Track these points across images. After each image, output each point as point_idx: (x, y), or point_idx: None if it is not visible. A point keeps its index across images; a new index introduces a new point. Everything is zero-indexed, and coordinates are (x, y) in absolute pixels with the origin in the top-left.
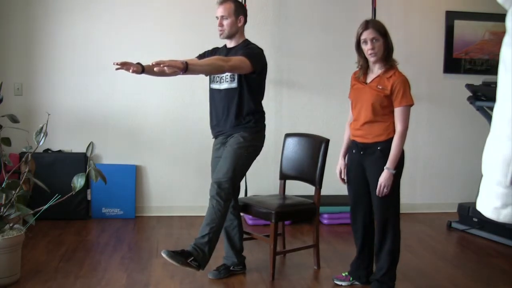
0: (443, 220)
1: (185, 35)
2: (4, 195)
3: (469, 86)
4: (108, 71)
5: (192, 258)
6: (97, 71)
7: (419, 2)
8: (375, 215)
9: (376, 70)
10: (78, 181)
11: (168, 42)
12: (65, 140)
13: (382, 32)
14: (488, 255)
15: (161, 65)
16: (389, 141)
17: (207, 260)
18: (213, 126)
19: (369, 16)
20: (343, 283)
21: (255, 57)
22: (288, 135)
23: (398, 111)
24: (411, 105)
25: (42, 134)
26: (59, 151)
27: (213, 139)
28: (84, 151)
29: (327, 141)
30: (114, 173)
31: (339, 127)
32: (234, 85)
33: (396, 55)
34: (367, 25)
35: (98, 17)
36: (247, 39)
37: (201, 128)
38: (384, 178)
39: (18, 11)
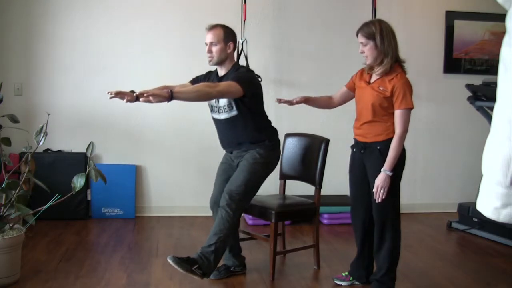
0: (443, 220)
1: (185, 35)
2: (4, 195)
3: (469, 86)
4: (108, 71)
5: (197, 266)
6: (97, 71)
7: (419, 2)
8: (374, 215)
9: (377, 73)
10: (78, 181)
11: (168, 42)
12: (65, 140)
13: (370, 36)
14: (488, 255)
15: (145, 95)
16: (388, 141)
17: (212, 269)
18: (225, 146)
19: (369, 16)
20: (343, 283)
21: (245, 80)
22: (288, 135)
23: (397, 114)
24: (411, 108)
25: (42, 134)
26: (59, 151)
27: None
28: (84, 151)
29: (327, 141)
30: (114, 173)
31: (339, 127)
32: (234, 113)
33: (400, 55)
34: (359, 29)
35: (98, 17)
36: (236, 63)
37: (201, 128)
38: (380, 180)
39: (18, 11)
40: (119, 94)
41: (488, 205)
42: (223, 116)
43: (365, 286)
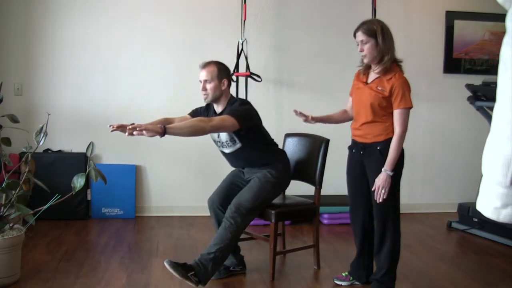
0: (443, 220)
1: (185, 34)
2: (4, 195)
3: (469, 86)
4: (108, 71)
5: (193, 272)
6: (97, 71)
7: (419, 2)
8: (374, 215)
9: (375, 71)
10: (78, 181)
11: (168, 41)
12: (65, 140)
13: (371, 34)
14: (488, 255)
15: (138, 129)
16: (388, 141)
17: (208, 277)
18: (235, 167)
19: (369, 16)
20: (343, 283)
21: (241, 113)
22: (288, 135)
23: (396, 113)
24: (410, 108)
25: (42, 134)
26: (59, 151)
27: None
28: (84, 151)
29: (327, 141)
30: (114, 173)
31: (339, 127)
32: (238, 145)
33: (396, 55)
34: (358, 27)
35: (98, 17)
36: (232, 97)
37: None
38: (381, 180)
39: (18, 11)
40: (120, 127)
41: (488, 205)
42: (228, 150)
43: (365, 286)
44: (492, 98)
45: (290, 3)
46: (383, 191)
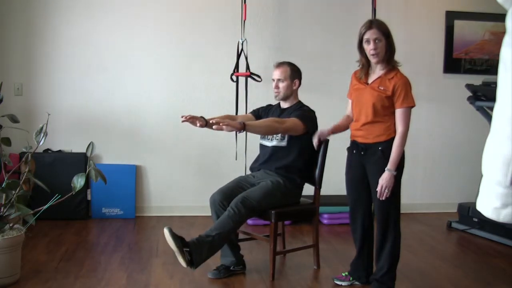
0: (443, 220)
1: (186, 34)
2: (4, 195)
3: (469, 86)
4: (108, 71)
5: (188, 250)
6: (97, 71)
7: (419, 2)
8: (376, 215)
9: (377, 71)
10: (78, 181)
11: (169, 41)
12: (65, 140)
13: (385, 33)
14: (488, 255)
15: (220, 124)
16: (390, 141)
17: (201, 259)
18: (256, 165)
19: (369, 16)
20: (343, 283)
21: (309, 119)
22: None
23: (399, 113)
24: (412, 106)
25: (42, 134)
26: (59, 151)
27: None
28: (84, 151)
29: (326, 141)
30: (114, 173)
31: None
32: (283, 143)
33: (396, 55)
34: (370, 25)
35: (98, 17)
36: (300, 101)
37: (201, 128)
38: (385, 179)
39: (18, 11)
40: (191, 119)
41: (488, 205)
42: (270, 143)
43: (365, 286)
44: (492, 98)
45: (290, 3)
46: (386, 190)
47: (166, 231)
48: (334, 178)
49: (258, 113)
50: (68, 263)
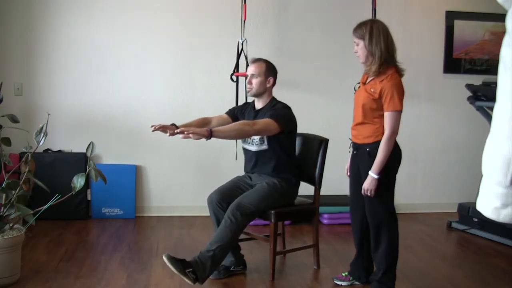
0: (443, 220)
1: (186, 34)
2: (4, 195)
3: (469, 86)
4: (108, 71)
5: (191, 269)
6: (97, 71)
7: (419, 2)
8: (368, 218)
9: (369, 72)
10: (78, 181)
11: (169, 41)
12: (65, 140)
13: (360, 36)
14: (488, 255)
15: (185, 133)
16: (377, 143)
17: (206, 275)
18: (247, 170)
19: (369, 16)
20: (343, 283)
21: (283, 117)
22: None
23: (385, 116)
24: (398, 111)
25: (42, 134)
26: (59, 151)
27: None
28: (84, 151)
29: (326, 141)
30: (114, 173)
31: (339, 127)
32: (264, 147)
33: (395, 56)
34: (353, 30)
35: (98, 17)
36: (274, 98)
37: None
38: (367, 183)
39: (18, 11)
40: (162, 128)
41: (488, 205)
42: (252, 148)
43: (365, 286)
44: (492, 98)
45: (290, 3)
46: (368, 193)
47: (165, 259)
48: (334, 178)
49: (234, 113)
50: (68, 263)
